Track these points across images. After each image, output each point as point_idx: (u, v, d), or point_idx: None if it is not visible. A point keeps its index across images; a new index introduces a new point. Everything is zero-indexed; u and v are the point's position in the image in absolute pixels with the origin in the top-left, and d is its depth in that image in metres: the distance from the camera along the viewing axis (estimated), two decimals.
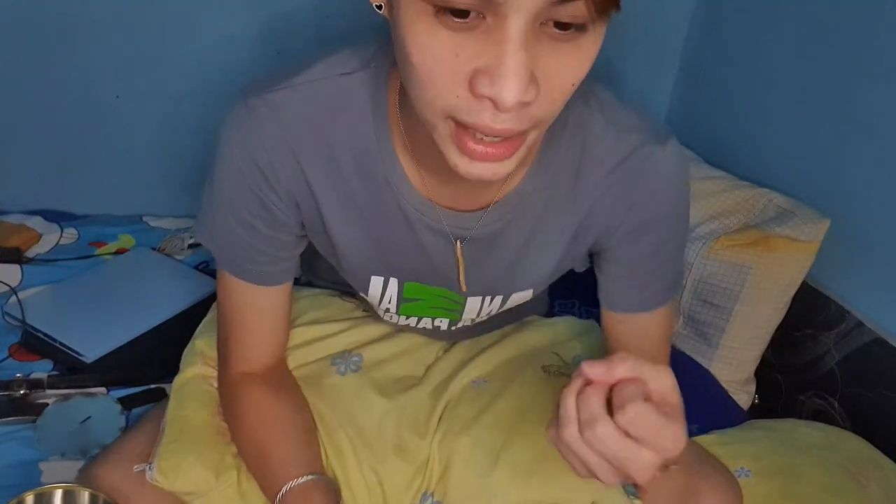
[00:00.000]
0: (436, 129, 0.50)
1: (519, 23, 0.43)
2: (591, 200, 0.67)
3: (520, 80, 0.44)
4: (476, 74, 0.45)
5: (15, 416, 0.94)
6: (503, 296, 0.75)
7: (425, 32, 0.45)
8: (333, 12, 1.30)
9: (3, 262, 1.22)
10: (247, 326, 0.73)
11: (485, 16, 0.44)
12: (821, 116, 1.10)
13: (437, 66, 0.46)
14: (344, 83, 0.62)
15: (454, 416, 0.80)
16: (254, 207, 0.66)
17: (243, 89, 0.64)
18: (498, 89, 0.44)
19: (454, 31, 0.44)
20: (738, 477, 0.87)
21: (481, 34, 0.44)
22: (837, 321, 1.07)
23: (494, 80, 0.44)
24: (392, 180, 0.64)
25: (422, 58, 0.46)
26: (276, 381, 0.76)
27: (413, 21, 0.45)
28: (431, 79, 0.46)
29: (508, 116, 0.46)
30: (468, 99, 0.46)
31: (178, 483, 0.71)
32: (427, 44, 0.45)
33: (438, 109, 0.48)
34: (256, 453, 0.72)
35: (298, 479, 0.67)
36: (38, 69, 1.28)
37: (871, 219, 1.02)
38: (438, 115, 0.49)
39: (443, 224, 0.66)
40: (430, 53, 0.45)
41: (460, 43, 0.45)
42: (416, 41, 0.46)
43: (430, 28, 0.45)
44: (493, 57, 0.44)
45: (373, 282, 0.73)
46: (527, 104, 0.46)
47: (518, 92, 0.44)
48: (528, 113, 0.47)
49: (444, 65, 0.45)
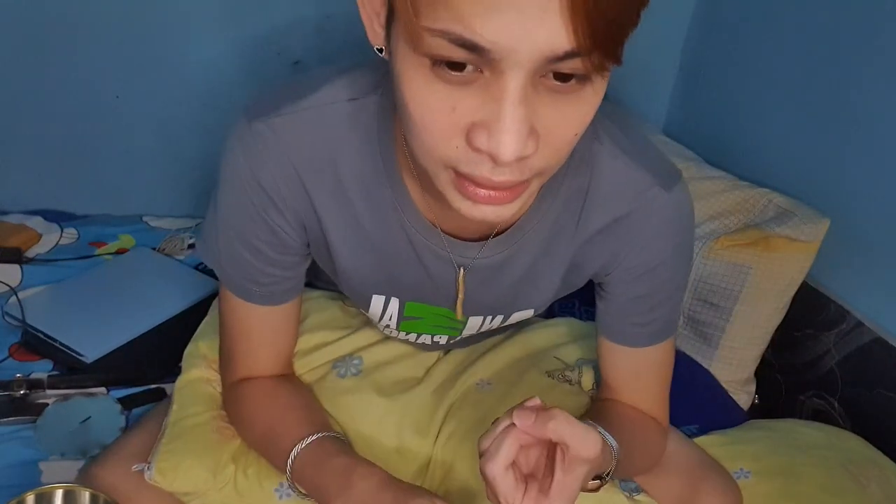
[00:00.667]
0: (437, 177, 0.50)
1: (517, 79, 0.42)
2: (593, 234, 0.67)
3: (518, 135, 0.43)
4: (473, 128, 0.45)
5: (15, 416, 0.94)
6: (504, 315, 0.75)
7: (422, 86, 0.44)
8: (333, 12, 1.30)
9: (3, 262, 1.22)
10: (251, 343, 0.73)
11: (482, 70, 0.43)
12: (821, 116, 1.10)
13: (433, 119, 0.45)
14: (351, 109, 0.62)
15: (458, 419, 0.80)
16: (260, 231, 0.65)
17: (246, 111, 0.62)
18: (495, 144, 0.43)
19: (451, 84, 0.44)
20: (738, 478, 0.87)
21: (479, 88, 0.44)
22: (837, 321, 1.07)
23: (492, 134, 0.43)
24: (397, 204, 0.64)
25: (419, 110, 0.45)
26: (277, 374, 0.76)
27: (410, 74, 0.45)
28: (428, 131, 0.46)
29: (508, 169, 0.46)
30: (466, 151, 0.46)
31: (177, 483, 0.71)
32: (424, 97, 0.45)
33: (437, 159, 0.48)
34: (263, 434, 0.71)
35: (308, 438, 0.66)
36: (38, 69, 1.28)
37: (871, 219, 1.02)
38: (438, 164, 0.48)
39: (447, 251, 0.66)
40: (427, 106, 0.45)
41: (457, 97, 0.44)
42: (412, 93, 0.45)
43: (427, 81, 0.44)
44: (491, 112, 0.43)
45: (374, 300, 0.73)
46: (526, 157, 0.45)
47: (516, 148, 0.43)
48: (527, 165, 0.46)
49: (440, 118, 0.45)
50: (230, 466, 0.73)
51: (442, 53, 0.42)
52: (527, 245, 0.67)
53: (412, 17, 0.42)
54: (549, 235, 0.67)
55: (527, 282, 0.70)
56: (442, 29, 0.41)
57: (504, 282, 0.70)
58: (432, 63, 0.43)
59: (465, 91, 0.44)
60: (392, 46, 0.47)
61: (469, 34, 0.40)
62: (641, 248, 0.67)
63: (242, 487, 0.73)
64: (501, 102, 0.43)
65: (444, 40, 0.41)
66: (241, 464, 0.74)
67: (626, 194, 0.65)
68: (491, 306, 0.73)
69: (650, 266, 0.68)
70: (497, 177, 0.46)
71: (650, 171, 0.65)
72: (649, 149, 0.68)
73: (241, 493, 0.73)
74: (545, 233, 0.66)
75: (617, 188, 0.65)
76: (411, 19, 0.42)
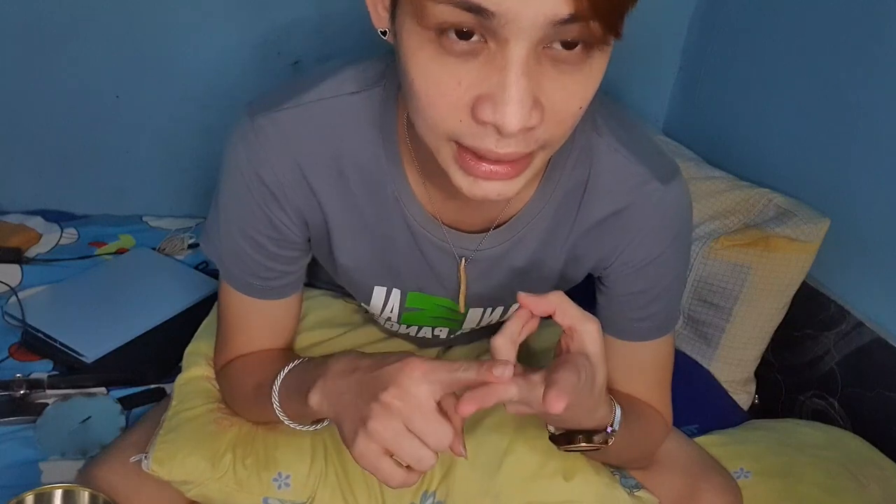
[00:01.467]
0: (439, 152, 0.51)
1: (521, 48, 0.43)
2: (591, 226, 0.68)
3: (522, 106, 0.44)
4: (478, 101, 0.45)
5: (15, 416, 0.94)
6: (504, 307, 0.76)
7: (428, 60, 0.45)
8: (333, 13, 1.30)
9: (3, 262, 1.22)
10: (250, 335, 0.74)
11: (487, 40, 0.44)
12: (821, 116, 1.10)
13: (439, 93, 0.46)
14: (353, 101, 0.62)
15: None
16: (262, 226, 0.66)
17: (249, 107, 0.63)
18: (500, 115, 0.44)
19: (457, 57, 0.44)
20: (738, 478, 0.87)
21: (484, 60, 0.44)
22: (837, 321, 1.07)
23: (497, 106, 0.44)
24: (399, 196, 0.64)
25: (424, 84, 0.46)
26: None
27: (416, 49, 0.45)
28: (434, 105, 0.47)
29: (513, 140, 0.46)
30: (471, 124, 0.46)
31: (174, 472, 0.71)
32: (430, 71, 0.45)
33: (441, 133, 0.48)
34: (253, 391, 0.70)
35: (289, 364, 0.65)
36: (38, 69, 1.28)
37: (871, 219, 1.02)
38: (441, 138, 0.49)
39: (448, 242, 0.66)
40: (433, 80, 0.46)
41: (463, 70, 0.45)
42: (418, 68, 0.46)
43: (434, 55, 0.45)
44: (496, 83, 0.44)
45: (375, 292, 0.73)
46: (531, 128, 0.46)
47: (521, 118, 0.44)
48: (533, 136, 0.47)
49: (446, 92, 0.46)
50: (228, 456, 0.73)
51: (448, 20, 0.43)
52: (527, 236, 0.67)
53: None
54: (548, 227, 0.67)
55: (527, 273, 0.71)
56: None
57: (504, 273, 0.70)
58: (438, 35, 0.44)
59: (471, 64, 0.45)
60: (397, 27, 0.48)
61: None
62: (640, 241, 0.67)
63: (241, 477, 0.73)
64: (506, 73, 0.43)
65: (449, 6, 0.42)
66: (239, 454, 0.74)
67: (624, 188, 0.66)
68: (491, 297, 0.74)
69: (648, 260, 0.68)
70: (502, 149, 0.47)
71: (648, 165, 0.65)
72: (648, 143, 0.68)
73: (239, 483, 0.73)
74: (545, 224, 0.67)
75: (615, 181, 0.65)
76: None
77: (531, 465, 0.75)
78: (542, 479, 0.74)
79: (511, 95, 0.44)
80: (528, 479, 0.74)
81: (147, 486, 0.72)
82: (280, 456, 0.75)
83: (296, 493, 0.74)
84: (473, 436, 0.78)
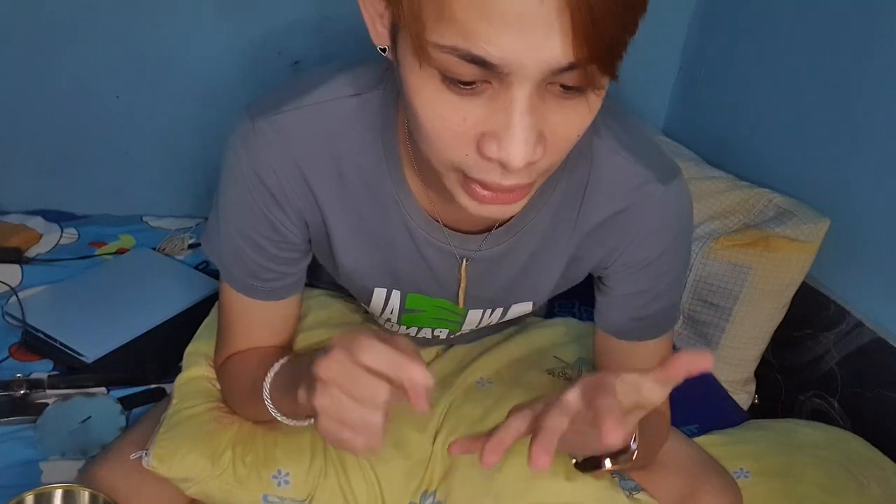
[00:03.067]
0: (444, 177, 0.51)
1: (525, 89, 0.43)
2: (591, 227, 0.68)
3: (526, 144, 0.44)
4: (483, 137, 0.46)
5: (15, 416, 0.94)
6: (504, 308, 0.76)
7: (433, 96, 0.45)
8: (333, 13, 1.30)
9: (3, 262, 1.22)
10: (251, 336, 0.74)
11: (490, 81, 0.44)
12: (821, 116, 1.10)
13: (444, 127, 0.46)
14: (353, 104, 0.62)
15: (458, 417, 0.80)
16: (262, 227, 0.66)
17: (248, 109, 0.63)
18: (505, 153, 0.45)
19: (461, 95, 0.45)
20: (738, 478, 0.87)
21: (488, 98, 0.45)
22: (837, 321, 1.07)
23: (502, 144, 0.45)
24: (399, 199, 0.64)
25: (430, 118, 0.46)
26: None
27: (419, 85, 0.46)
28: (440, 138, 0.47)
29: (517, 174, 0.47)
30: (476, 159, 0.47)
31: (174, 469, 0.71)
32: (434, 107, 0.46)
33: (446, 163, 0.49)
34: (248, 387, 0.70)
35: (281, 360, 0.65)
36: (38, 69, 1.28)
37: (871, 219, 1.02)
38: (447, 167, 0.50)
39: (448, 244, 0.67)
40: (438, 116, 0.46)
41: (468, 107, 0.45)
42: (422, 104, 0.46)
43: (437, 92, 0.45)
44: (501, 122, 0.45)
45: (375, 293, 0.73)
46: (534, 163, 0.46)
47: (525, 155, 0.45)
48: (535, 168, 0.48)
49: (452, 127, 0.46)
50: (228, 453, 0.74)
51: (450, 69, 0.43)
52: (527, 237, 0.67)
53: (420, 32, 0.42)
54: (549, 228, 0.67)
55: (527, 274, 0.71)
56: (450, 45, 0.42)
57: (504, 274, 0.70)
58: (442, 77, 0.44)
59: (475, 101, 0.45)
60: (399, 55, 0.48)
61: (477, 50, 0.41)
62: (640, 242, 0.67)
63: (240, 474, 0.73)
64: (510, 112, 0.44)
65: (452, 56, 0.42)
66: (238, 451, 0.74)
67: (624, 189, 0.66)
68: (491, 299, 0.74)
69: (648, 260, 0.68)
70: (507, 181, 0.48)
71: (648, 166, 0.66)
72: (648, 144, 0.68)
73: (239, 480, 0.73)
74: (545, 225, 0.67)
75: (615, 183, 0.66)
76: (419, 35, 0.42)
77: None
78: (542, 479, 0.74)
79: (516, 134, 0.44)
80: (528, 479, 0.74)
81: (147, 486, 0.72)
82: (279, 454, 0.75)
83: (295, 490, 0.74)
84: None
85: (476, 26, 0.40)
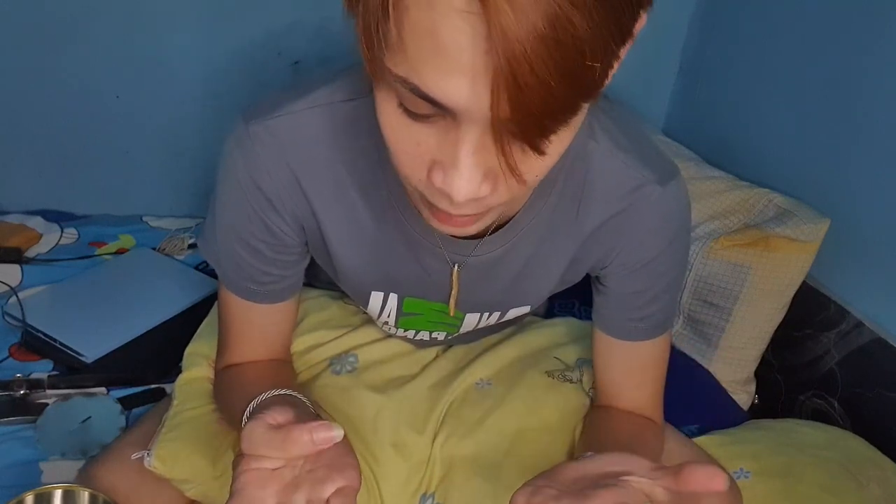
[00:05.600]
0: (411, 195, 0.52)
1: (472, 132, 0.42)
2: (590, 230, 0.68)
3: (470, 182, 0.44)
4: (434, 165, 0.45)
5: (15, 416, 0.94)
6: (501, 311, 0.76)
7: (391, 116, 0.45)
8: (333, 14, 1.30)
9: (3, 262, 1.22)
10: (250, 337, 0.74)
11: (444, 115, 0.43)
12: (821, 116, 1.10)
13: (402, 149, 0.46)
14: (347, 109, 0.62)
15: (458, 419, 0.80)
16: (259, 232, 0.66)
17: (244, 114, 0.63)
18: (448, 186, 0.44)
19: (416, 121, 0.44)
20: (738, 478, 0.87)
21: (440, 129, 0.44)
22: (837, 321, 1.07)
23: (446, 178, 0.44)
24: (394, 203, 0.64)
25: (390, 136, 0.46)
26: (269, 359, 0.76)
27: (381, 104, 0.45)
28: (398, 158, 0.47)
29: (464, 206, 0.46)
30: (429, 184, 0.46)
31: (176, 470, 0.71)
32: (394, 126, 0.45)
33: (407, 181, 0.49)
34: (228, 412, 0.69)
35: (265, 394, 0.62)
36: (38, 69, 1.28)
37: (871, 219, 1.02)
38: (409, 184, 0.49)
39: (442, 248, 0.66)
40: (396, 135, 0.46)
41: (422, 133, 0.44)
42: (385, 120, 0.46)
43: (395, 113, 0.44)
44: (447, 154, 0.44)
45: (372, 297, 0.73)
46: (482, 197, 0.45)
47: (468, 191, 0.44)
48: (484, 202, 0.47)
49: (407, 150, 0.46)
50: (228, 455, 0.74)
51: (404, 100, 0.42)
52: (522, 242, 0.67)
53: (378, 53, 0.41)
54: (546, 231, 0.67)
55: (523, 278, 0.71)
56: (403, 77, 0.40)
57: (500, 278, 0.70)
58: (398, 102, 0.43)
59: (429, 129, 0.44)
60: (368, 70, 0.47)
61: (426, 89, 0.40)
62: (638, 243, 0.67)
63: None
64: (457, 149, 0.43)
65: (404, 88, 0.41)
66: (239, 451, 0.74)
67: (622, 191, 0.65)
68: (487, 303, 0.74)
69: (646, 260, 0.68)
70: (455, 211, 0.47)
71: (646, 167, 0.65)
72: (646, 145, 0.68)
73: None
74: (541, 229, 0.67)
75: (613, 185, 0.65)
76: (377, 56, 0.41)
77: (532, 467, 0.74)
78: None
79: (460, 171, 0.43)
80: None
81: (147, 486, 0.72)
82: None
83: None
84: (474, 438, 0.78)
85: (423, 69, 0.39)
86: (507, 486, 0.74)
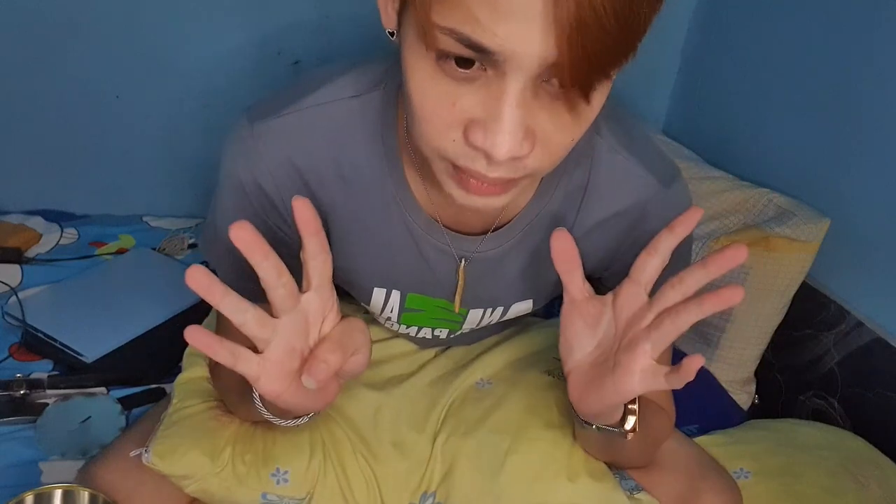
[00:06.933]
0: (433, 163, 0.51)
1: (518, 81, 0.43)
2: (592, 226, 0.68)
3: (513, 136, 0.44)
4: (471, 124, 0.46)
5: (15, 416, 0.94)
6: (504, 307, 0.76)
7: (426, 77, 0.45)
8: (333, 13, 1.30)
9: (3, 262, 1.22)
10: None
11: (486, 68, 0.44)
12: (821, 116, 1.10)
13: (434, 111, 0.46)
14: (353, 106, 0.62)
15: (458, 418, 0.80)
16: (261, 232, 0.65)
17: (247, 113, 0.63)
18: (491, 143, 0.45)
19: (455, 80, 0.45)
20: (738, 478, 0.87)
21: (480, 86, 0.45)
22: (837, 321, 1.07)
23: (488, 133, 0.45)
24: (399, 199, 0.64)
25: (421, 101, 0.47)
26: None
27: (416, 65, 0.46)
28: (428, 121, 0.47)
29: (502, 167, 0.47)
30: (463, 146, 0.47)
31: (174, 467, 0.71)
32: (426, 89, 0.46)
33: (434, 149, 0.49)
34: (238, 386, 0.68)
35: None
36: (38, 69, 1.28)
37: (871, 219, 1.02)
38: (435, 154, 0.50)
39: (448, 244, 0.67)
40: (429, 98, 0.46)
41: (459, 92, 0.45)
42: (416, 84, 0.46)
43: (431, 74, 0.45)
44: (490, 110, 0.44)
45: (375, 293, 0.73)
46: (520, 158, 0.46)
47: (511, 147, 0.44)
48: (522, 164, 0.47)
49: (441, 111, 0.46)
50: (227, 451, 0.73)
51: (451, 50, 0.43)
52: (526, 238, 0.67)
53: (425, 12, 0.43)
54: (549, 228, 0.67)
55: (527, 274, 0.71)
56: (451, 28, 0.42)
57: (504, 274, 0.70)
58: (437, 57, 0.44)
59: (467, 88, 0.45)
60: (402, 34, 0.48)
61: (477, 37, 0.41)
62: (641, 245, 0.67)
63: (240, 472, 0.73)
64: (501, 102, 0.44)
65: (451, 38, 0.42)
66: (238, 449, 0.74)
67: (625, 190, 0.66)
68: (491, 299, 0.74)
69: None
70: (491, 173, 0.48)
71: (649, 168, 0.66)
72: (649, 146, 0.68)
73: (238, 478, 0.73)
74: (545, 225, 0.67)
75: (616, 183, 0.66)
76: (424, 14, 0.43)
77: (533, 466, 0.75)
78: (544, 480, 0.74)
79: (503, 125, 0.44)
80: (530, 480, 0.74)
81: (147, 486, 0.71)
82: (279, 452, 0.75)
83: (294, 489, 0.74)
84: (474, 437, 0.78)
85: (478, 12, 0.40)
86: (508, 484, 0.74)
